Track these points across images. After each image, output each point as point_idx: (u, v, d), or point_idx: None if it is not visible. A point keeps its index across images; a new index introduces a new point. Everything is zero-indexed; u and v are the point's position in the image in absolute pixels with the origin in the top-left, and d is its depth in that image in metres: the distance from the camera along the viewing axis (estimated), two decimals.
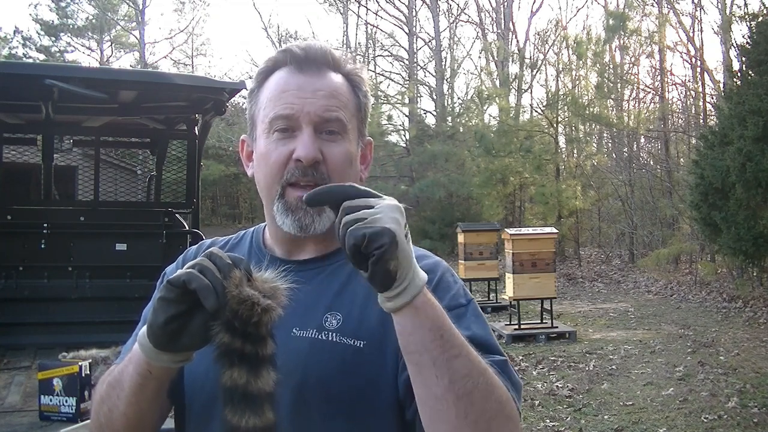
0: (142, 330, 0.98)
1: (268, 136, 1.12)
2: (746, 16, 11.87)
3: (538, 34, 23.79)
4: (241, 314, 0.89)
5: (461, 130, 22.07)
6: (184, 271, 0.90)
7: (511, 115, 19.69)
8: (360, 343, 1.06)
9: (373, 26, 27.88)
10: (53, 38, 31.40)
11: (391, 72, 27.80)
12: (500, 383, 0.97)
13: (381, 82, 25.25)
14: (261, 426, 0.89)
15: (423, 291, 0.92)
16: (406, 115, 24.04)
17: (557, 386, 6.40)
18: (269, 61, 1.16)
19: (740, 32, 16.29)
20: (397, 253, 0.87)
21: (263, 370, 0.91)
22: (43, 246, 3.91)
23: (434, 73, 25.27)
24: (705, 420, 5.34)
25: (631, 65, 19.87)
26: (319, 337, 1.07)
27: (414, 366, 0.94)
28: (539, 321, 9.09)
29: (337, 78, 1.15)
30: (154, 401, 1.06)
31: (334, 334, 1.08)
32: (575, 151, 19.86)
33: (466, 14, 26.98)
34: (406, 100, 23.62)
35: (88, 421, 2.51)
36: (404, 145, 22.70)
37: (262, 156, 1.13)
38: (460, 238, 11.09)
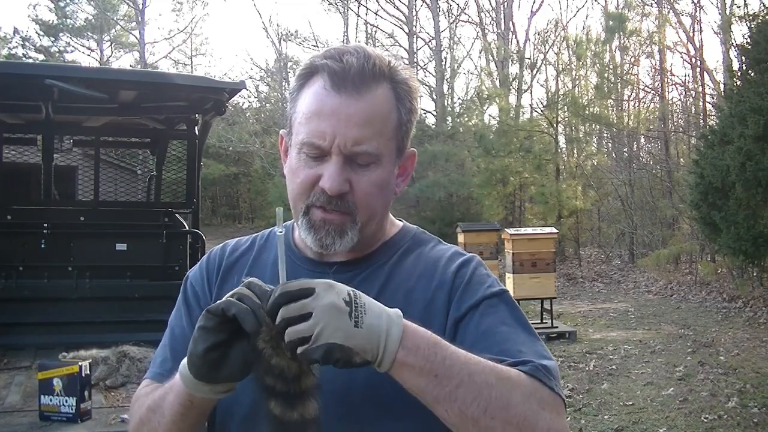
0: (183, 361, 1.00)
1: (299, 153, 1.10)
2: (746, 16, 11.87)
3: (538, 34, 23.74)
4: (269, 358, 0.92)
5: (461, 130, 22.02)
6: (224, 300, 0.93)
7: (511, 115, 19.65)
8: None
9: (373, 26, 27.83)
10: (53, 38, 31.40)
11: None
12: (519, 381, 0.98)
13: None
14: None
15: (400, 346, 0.93)
16: None
17: None
18: (309, 65, 1.11)
19: (740, 32, 16.30)
20: (354, 350, 0.90)
21: (298, 404, 0.94)
22: (43, 246, 3.91)
23: (434, 73, 25.23)
24: (705, 420, 5.34)
25: (630, 65, 19.87)
26: None
27: (425, 403, 0.97)
28: (539, 321, 9.08)
29: (379, 92, 1.09)
30: (195, 427, 1.08)
31: None
32: (575, 151, 19.82)
33: (466, 14, 26.88)
34: None
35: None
36: None
37: (292, 170, 1.12)
38: (460, 238, 11.07)
